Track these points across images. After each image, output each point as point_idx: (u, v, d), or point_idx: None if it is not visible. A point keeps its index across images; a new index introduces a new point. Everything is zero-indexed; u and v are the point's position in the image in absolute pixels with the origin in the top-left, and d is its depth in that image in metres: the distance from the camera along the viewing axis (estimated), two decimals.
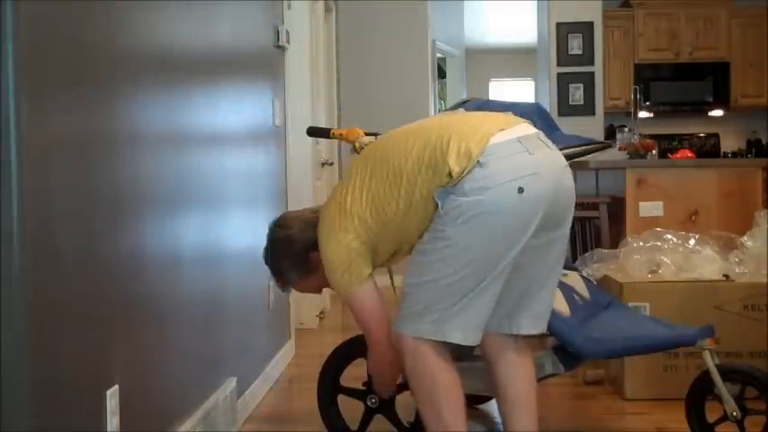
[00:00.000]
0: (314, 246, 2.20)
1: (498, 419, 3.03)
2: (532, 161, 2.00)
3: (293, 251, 2.30)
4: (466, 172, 1.95)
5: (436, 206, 2.00)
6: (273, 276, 2.41)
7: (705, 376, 2.57)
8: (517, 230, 1.98)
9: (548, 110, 3.34)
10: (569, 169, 2.12)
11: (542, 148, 2.06)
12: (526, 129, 2.10)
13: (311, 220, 2.26)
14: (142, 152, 2.08)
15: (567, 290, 2.67)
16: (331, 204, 2.16)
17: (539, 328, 2.21)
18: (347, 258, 2.10)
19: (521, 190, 1.95)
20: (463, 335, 2.05)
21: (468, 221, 1.96)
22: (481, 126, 2.04)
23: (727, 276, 3.24)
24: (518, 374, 2.24)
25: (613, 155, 5.10)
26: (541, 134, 2.12)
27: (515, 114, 2.21)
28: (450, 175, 1.97)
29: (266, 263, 2.40)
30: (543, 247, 2.09)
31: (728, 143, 7.84)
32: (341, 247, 2.10)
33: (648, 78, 7.53)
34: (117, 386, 1.87)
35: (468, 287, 2.00)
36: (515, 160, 1.99)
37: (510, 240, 1.99)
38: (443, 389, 2.07)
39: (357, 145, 2.62)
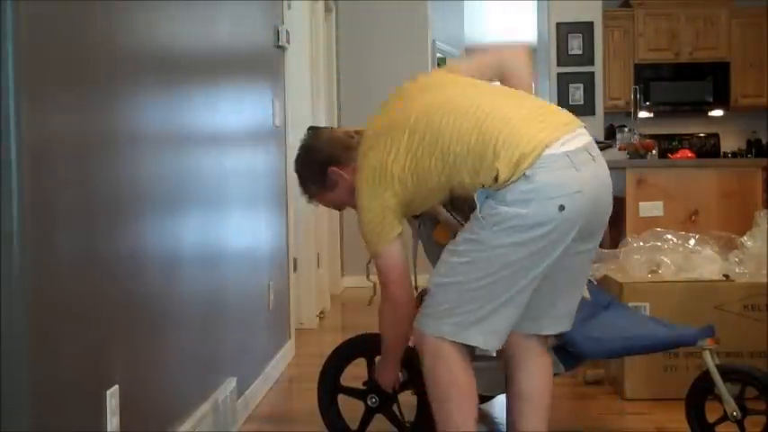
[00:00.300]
0: (333, 162, 2.27)
1: (498, 419, 3.04)
2: (578, 178, 1.97)
3: (315, 162, 2.33)
4: (511, 181, 1.94)
5: (474, 207, 1.99)
6: (300, 186, 2.43)
7: (705, 376, 2.57)
8: (552, 244, 1.97)
9: None
10: (610, 184, 2.10)
11: (589, 163, 2.01)
12: (578, 140, 2.04)
13: (341, 140, 2.31)
14: (142, 152, 2.08)
15: None
16: (373, 154, 2.13)
17: (561, 327, 2.23)
18: (381, 213, 2.11)
19: (562, 208, 1.93)
20: (484, 339, 2.05)
21: (505, 231, 1.95)
22: (536, 132, 1.98)
23: (727, 276, 3.23)
24: (536, 373, 2.25)
25: (613, 155, 5.09)
26: (592, 145, 2.07)
27: None
28: (496, 179, 1.95)
29: (294, 170, 2.43)
30: (573, 257, 2.08)
31: (728, 143, 7.83)
32: (377, 201, 2.11)
33: (648, 78, 7.53)
34: (117, 386, 1.87)
35: (495, 295, 2.00)
36: (561, 177, 1.95)
37: (544, 253, 1.98)
38: (458, 390, 2.08)
39: None
